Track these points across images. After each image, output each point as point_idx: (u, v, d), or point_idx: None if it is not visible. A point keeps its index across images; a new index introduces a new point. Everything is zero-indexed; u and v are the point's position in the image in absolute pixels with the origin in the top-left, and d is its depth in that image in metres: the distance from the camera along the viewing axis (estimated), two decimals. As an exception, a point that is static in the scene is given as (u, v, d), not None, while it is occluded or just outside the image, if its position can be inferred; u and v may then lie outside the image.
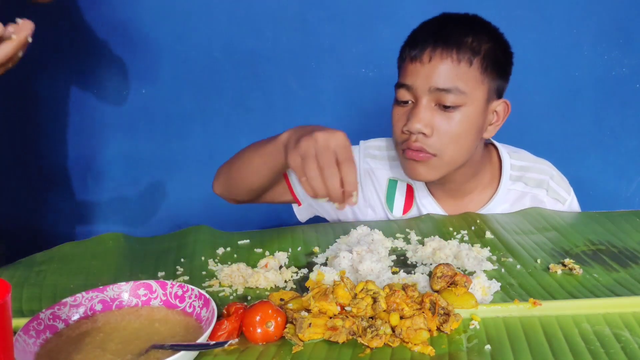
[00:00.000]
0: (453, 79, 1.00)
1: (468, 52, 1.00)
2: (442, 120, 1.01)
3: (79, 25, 1.59)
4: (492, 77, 1.03)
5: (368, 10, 1.58)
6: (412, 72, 1.02)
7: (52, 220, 1.78)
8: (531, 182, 1.16)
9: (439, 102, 1.01)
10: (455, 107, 1.01)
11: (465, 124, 1.02)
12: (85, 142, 1.71)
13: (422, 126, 1.01)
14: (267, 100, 1.67)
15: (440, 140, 1.02)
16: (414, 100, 1.03)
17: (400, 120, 1.05)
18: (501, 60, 1.05)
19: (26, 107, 1.69)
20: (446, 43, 1.00)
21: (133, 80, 1.64)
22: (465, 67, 1.00)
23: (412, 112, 1.02)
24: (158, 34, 1.31)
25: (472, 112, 1.03)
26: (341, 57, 1.62)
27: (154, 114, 1.69)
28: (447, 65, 1.00)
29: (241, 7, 1.57)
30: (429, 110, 1.01)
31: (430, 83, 1.00)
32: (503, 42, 1.07)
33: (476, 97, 1.02)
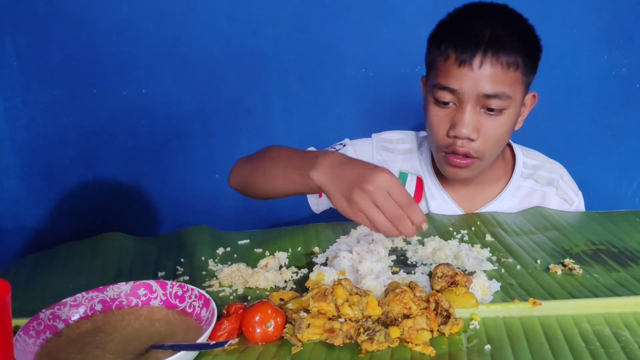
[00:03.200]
0: (502, 85, 0.98)
1: (515, 56, 0.98)
2: (487, 123, 1.01)
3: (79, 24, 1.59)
4: (529, 73, 1.03)
5: (368, 10, 1.58)
6: (459, 76, 0.99)
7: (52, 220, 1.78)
8: (541, 180, 1.17)
9: (484, 106, 1.00)
10: (499, 110, 1.00)
11: (507, 125, 1.03)
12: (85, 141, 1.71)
13: (469, 132, 1.00)
14: (267, 100, 1.67)
15: (484, 143, 1.02)
16: (458, 102, 1.01)
17: (443, 123, 1.03)
18: (536, 55, 1.04)
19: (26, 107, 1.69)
20: (497, 48, 0.97)
21: (133, 80, 1.63)
22: (512, 71, 0.99)
23: (458, 117, 1.01)
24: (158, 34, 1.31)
25: (513, 113, 1.03)
26: (341, 57, 1.62)
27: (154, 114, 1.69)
28: (497, 71, 0.98)
29: (241, 7, 1.57)
30: (475, 114, 1.00)
31: (478, 89, 0.98)
32: (535, 35, 1.05)
33: (517, 97, 1.02)
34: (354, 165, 0.81)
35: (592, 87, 1.63)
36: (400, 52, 1.60)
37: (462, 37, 0.99)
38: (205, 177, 1.76)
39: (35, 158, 1.73)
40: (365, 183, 0.76)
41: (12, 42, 1.62)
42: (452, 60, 0.99)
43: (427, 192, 1.17)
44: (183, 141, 1.72)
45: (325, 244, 0.97)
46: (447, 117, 1.02)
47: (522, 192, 1.17)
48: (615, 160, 1.73)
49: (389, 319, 0.70)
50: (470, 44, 0.98)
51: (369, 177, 0.76)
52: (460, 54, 0.98)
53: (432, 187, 1.17)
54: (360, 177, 0.78)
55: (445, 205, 1.16)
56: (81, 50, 1.62)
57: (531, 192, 1.17)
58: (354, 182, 0.77)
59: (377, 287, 0.78)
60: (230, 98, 1.67)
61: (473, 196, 1.17)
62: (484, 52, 0.97)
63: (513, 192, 1.17)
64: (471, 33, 0.99)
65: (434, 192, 1.17)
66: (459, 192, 1.17)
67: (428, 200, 1.17)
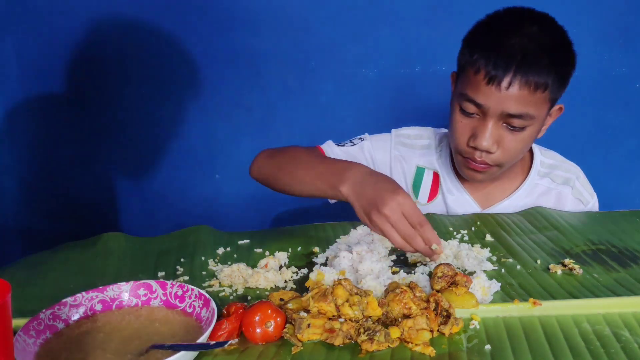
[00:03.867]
0: (527, 107, 0.99)
1: (545, 77, 0.98)
2: (508, 138, 1.03)
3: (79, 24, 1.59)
4: (558, 92, 1.03)
5: (368, 10, 1.58)
6: (486, 93, 1.00)
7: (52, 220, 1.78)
8: (558, 179, 1.19)
9: (506, 122, 1.02)
10: (523, 127, 1.02)
11: (527, 140, 1.06)
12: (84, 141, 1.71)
13: (489, 145, 1.03)
14: (267, 100, 1.67)
15: (503, 155, 1.05)
16: (481, 115, 1.03)
17: (465, 132, 1.06)
18: (568, 74, 1.04)
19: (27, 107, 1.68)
20: (527, 70, 0.97)
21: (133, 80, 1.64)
22: (540, 93, 0.99)
23: (479, 129, 1.03)
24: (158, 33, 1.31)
25: (535, 129, 1.05)
26: (341, 57, 1.62)
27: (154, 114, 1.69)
28: (524, 93, 0.98)
29: (241, 7, 1.57)
30: (497, 128, 1.02)
31: (503, 108, 0.99)
32: (570, 52, 1.04)
33: (541, 115, 1.03)
34: (375, 184, 0.88)
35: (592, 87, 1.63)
36: (400, 52, 1.60)
37: (494, 54, 0.99)
38: (205, 177, 1.76)
39: (35, 158, 1.73)
40: (383, 206, 0.83)
41: (12, 42, 1.62)
42: (482, 75, 0.99)
43: (445, 186, 1.20)
44: (183, 141, 1.72)
45: (325, 244, 0.97)
46: (470, 126, 1.05)
47: (538, 190, 1.19)
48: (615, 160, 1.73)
49: (389, 319, 0.70)
50: (502, 62, 0.98)
51: (386, 201, 0.83)
52: (490, 71, 0.98)
53: (449, 182, 1.20)
54: (379, 200, 0.85)
55: (462, 199, 1.19)
56: (81, 50, 1.62)
57: (547, 191, 1.19)
58: (373, 203, 0.85)
59: (377, 287, 0.78)
60: (230, 98, 1.67)
61: (490, 192, 1.19)
62: (514, 73, 0.97)
63: (529, 189, 1.19)
64: (504, 50, 0.99)
65: (451, 187, 1.20)
66: (476, 188, 1.20)
67: (445, 194, 1.20)
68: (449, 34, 1.57)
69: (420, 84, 1.63)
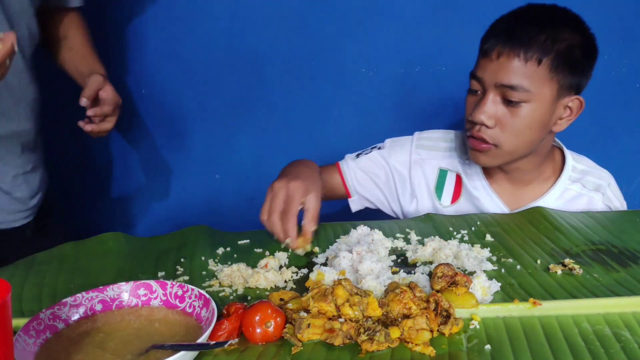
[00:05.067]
0: (519, 77, 1.02)
1: (537, 52, 1.02)
2: (506, 114, 1.06)
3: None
4: (564, 74, 1.04)
5: (368, 10, 1.58)
6: (482, 66, 1.07)
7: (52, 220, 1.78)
8: (589, 185, 1.19)
9: (504, 96, 1.05)
10: (519, 102, 1.04)
11: (528, 119, 1.06)
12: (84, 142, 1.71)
13: (485, 118, 1.05)
14: (267, 100, 1.67)
15: (501, 132, 1.07)
16: (483, 91, 1.07)
17: (469, 108, 1.10)
18: (578, 58, 1.05)
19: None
20: (516, 42, 1.02)
21: (133, 80, 1.63)
22: (533, 66, 1.02)
23: (478, 104, 1.07)
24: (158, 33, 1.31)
25: (537, 109, 1.05)
26: (341, 57, 1.61)
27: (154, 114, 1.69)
28: (513, 63, 1.02)
29: (241, 7, 1.57)
30: (494, 103, 1.06)
31: (496, 79, 1.04)
32: (585, 41, 1.06)
33: (543, 94, 1.04)
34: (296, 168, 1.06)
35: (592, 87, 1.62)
36: (400, 52, 1.60)
37: (490, 31, 1.08)
38: (205, 177, 1.76)
39: (35, 158, 1.73)
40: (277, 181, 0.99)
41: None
42: (480, 51, 1.07)
43: (472, 187, 1.20)
44: (183, 141, 1.72)
45: (325, 244, 0.97)
46: (473, 104, 1.09)
47: (569, 195, 1.19)
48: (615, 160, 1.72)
49: (389, 319, 0.70)
50: (493, 34, 1.05)
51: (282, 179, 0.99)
52: (484, 44, 1.06)
53: (477, 183, 1.20)
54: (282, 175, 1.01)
55: (490, 200, 1.19)
56: (81, 50, 1.61)
57: (578, 196, 1.18)
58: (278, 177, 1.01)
59: (377, 287, 0.78)
60: (230, 98, 1.67)
61: (519, 194, 1.19)
62: (503, 44, 1.03)
63: (559, 193, 1.18)
64: (498, 27, 1.07)
65: (479, 188, 1.20)
66: (504, 189, 1.20)
67: (470, 196, 1.20)
68: (449, 34, 1.58)
69: (420, 84, 1.63)
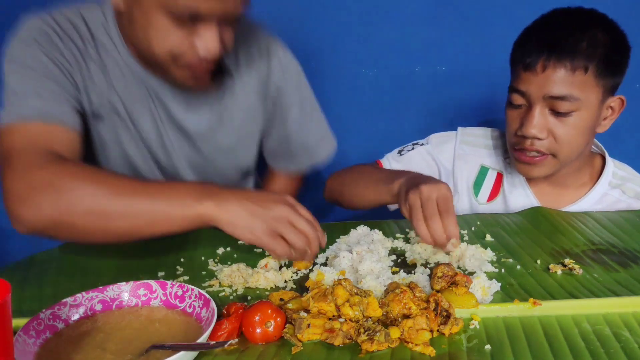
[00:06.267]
0: (568, 87, 1.01)
1: (583, 60, 1.01)
2: (557, 124, 1.05)
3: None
4: (607, 78, 1.04)
5: (368, 10, 1.58)
6: (525, 80, 1.04)
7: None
8: (629, 192, 1.18)
9: (553, 107, 1.04)
10: (569, 112, 1.03)
11: (579, 127, 1.05)
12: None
13: (537, 131, 1.05)
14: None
15: (554, 142, 1.06)
16: (528, 104, 1.06)
17: (514, 123, 1.09)
18: (617, 60, 1.05)
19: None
20: (560, 51, 1.01)
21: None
22: (580, 74, 1.01)
23: (526, 117, 1.06)
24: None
25: (587, 115, 1.05)
26: (341, 57, 1.62)
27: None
28: (561, 74, 1.01)
29: (241, 7, 1.57)
30: (543, 115, 1.05)
31: (544, 91, 1.02)
32: (619, 40, 1.06)
33: (591, 100, 1.04)
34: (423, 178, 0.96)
35: (592, 87, 1.63)
36: (400, 52, 1.60)
37: (529, 42, 1.05)
38: (205, 177, 1.75)
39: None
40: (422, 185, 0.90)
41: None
42: (520, 65, 1.05)
43: (509, 187, 1.20)
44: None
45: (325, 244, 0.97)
46: (518, 118, 1.08)
47: (608, 200, 1.18)
48: (615, 160, 1.73)
49: (389, 319, 0.70)
50: (534, 47, 1.03)
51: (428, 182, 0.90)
52: (525, 58, 1.04)
53: (516, 183, 1.20)
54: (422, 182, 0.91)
55: (527, 201, 1.19)
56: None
57: (617, 202, 1.18)
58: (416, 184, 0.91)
59: (377, 287, 0.78)
60: (230, 98, 1.67)
61: (557, 196, 1.19)
62: (547, 56, 1.01)
63: (598, 198, 1.18)
64: (537, 38, 1.04)
65: (518, 187, 1.20)
66: (543, 191, 1.20)
67: (507, 196, 1.20)
68: (449, 34, 1.58)
69: (420, 84, 1.63)
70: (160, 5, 0.85)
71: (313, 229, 0.82)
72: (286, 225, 0.80)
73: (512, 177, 1.21)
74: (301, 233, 0.81)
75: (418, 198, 0.88)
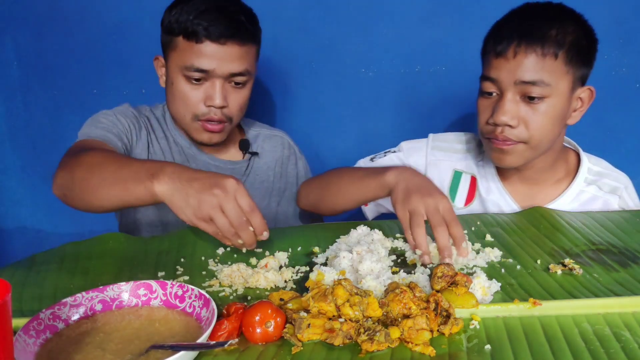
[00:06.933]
0: (538, 72, 1.03)
1: (553, 46, 1.02)
2: (528, 111, 1.06)
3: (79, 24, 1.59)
4: (576, 66, 1.06)
5: (368, 10, 1.57)
6: (497, 67, 1.06)
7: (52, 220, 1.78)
8: (605, 188, 1.18)
9: (524, 94, 1.05)
10: (540, 98, 1.04)
11: (550, 114, 1.06)
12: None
13: (508, 118, 1.05)
14: (267, 100, 1.67)
15: (526, 130, 1.06)
16: (499, 92, 1.07)
17: (486, 112, 1.10)
18: (585, 49, 1.07)
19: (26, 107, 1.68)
20: (530, 38, 1.03)
21: (133, 80, 1.63)
22: (551, 60, 1.03)
23: (497, 105, 1.07)
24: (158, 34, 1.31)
25: (557, 103, 1.06)
26: (341, 57, 1.61)
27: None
28: (532, 59, 1.03)
29: (241, 7, 1.57)
30: (514, 102, 1.06)
31: (515, 77, 1.04)
32: (587, 31, 1.08)
33: (561, 88, 1.05)
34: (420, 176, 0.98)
35: (592, 87, 1.63)
36: (400, 52, 1.60)
37: (500, 28, 1.08)
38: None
39: (35, 158, 1.73)
40: (426, 197, 0.89)
41: (12, 42, 1.62)
42: (492, 53, 1.06)
43: (485, 190, 1.20)
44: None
45: (325, 244, 0.97)
46: (490, 106, 1.09)
47: (584, 197, 1.18)
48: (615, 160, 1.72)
49: (389, 319, 0.70)
50: (506, 34, 1.05)
51: (429, 191, 0.90)
52: (497, 45, 1.05)
53: (491, 185, 1.20)
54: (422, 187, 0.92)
55: (504, 202, 1.19)
56: (81, 50, 1.62)
57: (593, 199, 1.18)
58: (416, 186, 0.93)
59: (377, 287, 0.78)
60: (230, 98, 1.67)
61: (532, 195, 1.19)
62: (518, 42, 1.03)
63: (574, 195, 1.18)
64: (508, 23, 1.07)
65: (493, 189, 1.20)
66: (518, 191, 1.19)
67: (484, 198, 1.20)
68: (449, 34, 1.58)
69: (420, 84, 1.63)
70: (179, 70, 1.15)
71: (240, 217, 0.82)
72: (216, 210, 0.81)
73: (486, 180, 1.21)
74: (227, 219, 0.82)
75: (422, 206, 0.89)
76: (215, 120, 1.18)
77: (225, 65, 1.13)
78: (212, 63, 1.12)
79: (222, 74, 1.14)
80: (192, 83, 1.15)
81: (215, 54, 1.12)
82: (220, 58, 1.12)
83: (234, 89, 1.18)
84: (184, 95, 1.16)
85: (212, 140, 1.22)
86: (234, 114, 1.20)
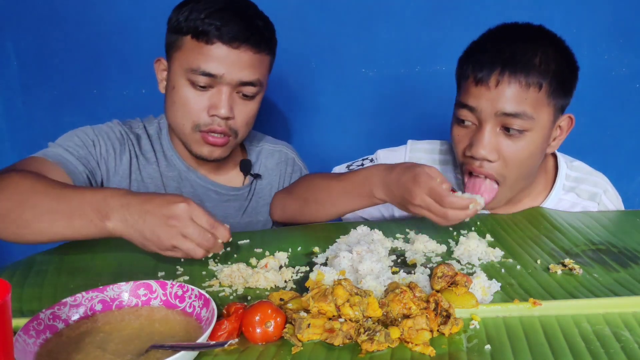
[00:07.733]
0: (522, 104, 0.97)
1: (537, 76, 0.96)
2: (507, 145, 1.00)
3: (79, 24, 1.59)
4: (559, 97, 1.00)
5: (368, 10, 1.58)
6: (476, 95, 0.99)
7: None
8: (584, 194, 1.15)
9: (504, 125, 0.99)
10: (522, 131, 0.98)
11: (531, 149, 1.00)
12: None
13: (486, 152, 0.99)
14: (267, 100, 1.67)
15: (504, 165, 1.01)
16: (477, 122, 1.01)
17: (462, 142, 1.04)
18: (568, 79, 1.02)
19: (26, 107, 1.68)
20: (514, 66, 0.96)
21: (133, 80, 1.63)
22: (534, 92, 0.97)
23: (476, 137, 1.00)
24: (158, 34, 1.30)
25: (538, 136, 1.00)
26: (341, 57, 1.62)
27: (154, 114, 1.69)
28: (515, 89, 0.96)
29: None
30: (494, 135, 0.99)
31: (496, 107, 0.97)
32: (570, 58, 1.03)
33: (543, 120, 1.00)
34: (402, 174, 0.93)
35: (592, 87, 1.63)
36: (400, 52, 1.60)
37: (480, 56, 0.99)
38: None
39: (35, 158, 1.73)
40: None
41: (12, 42, 1.62)
42: (471, 79, 0.99)
43: None
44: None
45: (325, 244, 0.97)
46: (467, 136, 1.03)
47: (563, 206, 1.15)
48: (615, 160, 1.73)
49: (389, 319, 0.70)
50: (487, 61, 0.98)
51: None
52: (477, 72, 0.98)
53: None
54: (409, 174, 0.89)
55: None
56: (81, 50, 1.62)
57: (572, 206, 1.15)
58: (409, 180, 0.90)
59: (377, 287, 0.78)
60: (230, 98, 1.67)
61: (512, 208, 1.14)
62: (501, 70, 0.96)
63: (553, 205, 1.14)
64: (489, 52, 0.99)
65: None
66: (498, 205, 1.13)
67: None
68: (449, 34, 1.58)
69: (420, 84, 1.63)
70: (183, 74, 1.04)
71: (204, 235, 0.81)
72: (178, 238, 0.80)
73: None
74: (192, 241, 0.80)
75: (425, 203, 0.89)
76: (218, 132, 1.07)
77: (235, 71, 1.03)
78: (221, 68, 1.02)
79: (231, 82, 1.04)
80: (197, 89, 1.04)
81: (225, 58, 1.02)
82: (230, 63, 1.02)
83: (242, 101, 1.07)
84: (186, 101, 1.05)
85: (212, 155, 1.11)
86: (239, 127, 1.09)
